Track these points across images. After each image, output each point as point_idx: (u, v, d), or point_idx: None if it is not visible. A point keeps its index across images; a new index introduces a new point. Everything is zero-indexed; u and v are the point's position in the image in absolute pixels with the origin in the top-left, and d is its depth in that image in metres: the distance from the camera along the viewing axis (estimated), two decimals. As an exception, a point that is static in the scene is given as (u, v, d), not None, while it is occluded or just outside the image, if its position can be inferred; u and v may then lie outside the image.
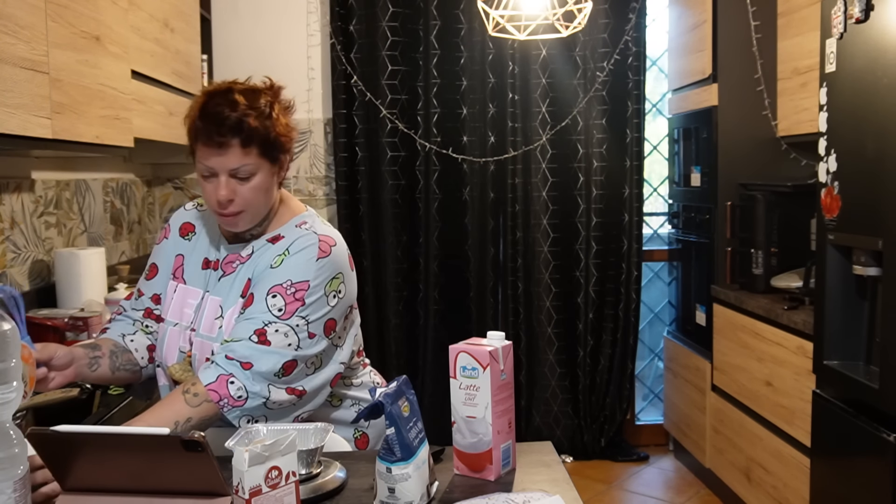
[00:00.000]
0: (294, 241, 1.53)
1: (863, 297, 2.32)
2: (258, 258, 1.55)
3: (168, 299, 1.61)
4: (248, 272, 1.55)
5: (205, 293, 1.57)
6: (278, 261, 1.51)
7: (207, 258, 1.61)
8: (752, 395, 3.04)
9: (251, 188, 1.49)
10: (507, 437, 1.36)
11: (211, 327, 1.54)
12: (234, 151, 1.46)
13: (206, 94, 1.51)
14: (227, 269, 1.58)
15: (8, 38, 1.68)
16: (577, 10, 2.54)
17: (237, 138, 1.45)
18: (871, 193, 2.12)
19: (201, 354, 1.53)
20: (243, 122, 1.45)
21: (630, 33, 3.84)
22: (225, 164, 1.47)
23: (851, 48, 2.20)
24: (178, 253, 1.64)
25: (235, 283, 1.55)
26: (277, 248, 1.54)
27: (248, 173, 1.48)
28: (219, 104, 1.46)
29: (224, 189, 1.47)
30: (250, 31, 3.83)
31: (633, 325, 4.01)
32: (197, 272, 1.60)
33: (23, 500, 1.05)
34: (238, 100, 1.47)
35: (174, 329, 1.57)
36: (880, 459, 2.09)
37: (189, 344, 1.55)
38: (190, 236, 1.65)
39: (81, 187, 2.92)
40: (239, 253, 1.58)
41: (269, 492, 1.08)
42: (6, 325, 1.03)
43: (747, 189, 3.28)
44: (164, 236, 1.68)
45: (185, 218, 1.68)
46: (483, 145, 3.88)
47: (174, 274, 1.62)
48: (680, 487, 3.69)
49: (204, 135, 1.46)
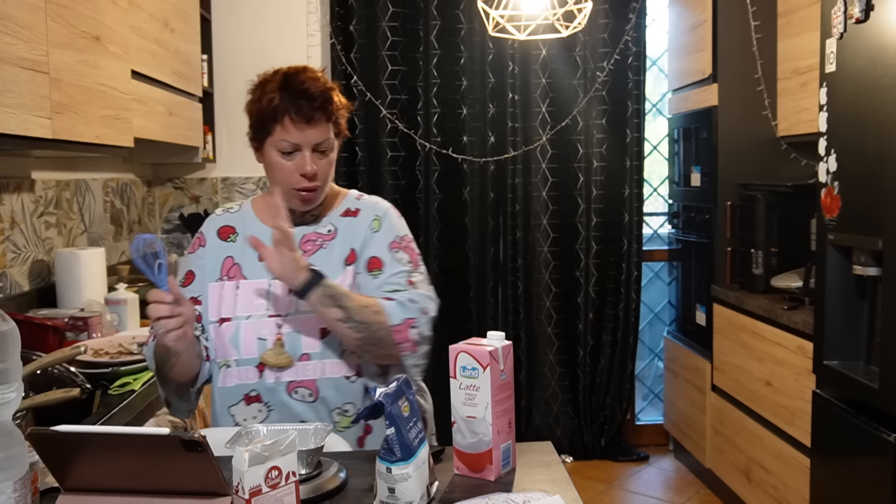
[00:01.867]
0: (374, 205, 1.68)
1: (863, 297, 2.32)
2: (348, 231, 1.64)
3: (227, 298, 1.62)
4: (345, 244, 1.63)
5: (270, 281, 1.60)
6: (376, 225, 1.65)
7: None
8: (752, 395, 3.04)
9: (328, 162, 1.59)
10: (507, 437, 1.36)
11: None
12: (321, 126, 1.54)
13: (282, 74, 1.58)
14: (307, 247, 1.63)
15: (8, 38, 1.68)
16: (577, 10, 2.54)
17: (324, 113, 1.54)
18: (871, 193, 2.12)
19: (308, 331, 1.57)
20: (330, 97, 1.55)
21: (630, 33, 3.84)
22: (311, 138, 1.54)
23: (851, 48, 2.20)
24: (226, 255, 1.66)
25: (333, 256, 1.62)
26: (363, 217, 1.66)
27: (328, 147, 1.58)
28: (304, 81, 1.54)
29: (310, 164, 1.55)
30: (250, 31, 3.83)
31: (633, 325, 4.01)
32: (256, 266, 1.62)
33: (23, 500, 1.05)
34: (319, 76, 1.57)
35: (248, 322, 1.59)
36: (880, 459, 2.09)
37: (276, 328, 1.58)
38: (233, 237, 1.68)
39: (81, 187, 2.92)
40: (315, 231, 1.65)
41: (269, 492, 1.08)
42: (6, 325, 1.03)
43: (747, 189, 3.28)
44: (199, 245, 1.70)
45: (220, 223, 1.70)
46: (483, 145, 3.88)
47: (227, 275, 1.64)
48: (680, 487, 3.69)
49: (293, 110, 1.52)
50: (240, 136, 4.25)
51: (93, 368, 1.94)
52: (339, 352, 1.58)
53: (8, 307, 2.23)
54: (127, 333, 2.36)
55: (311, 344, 1.57)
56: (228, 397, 1.60)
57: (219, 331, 1.61)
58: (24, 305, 2.40)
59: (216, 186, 3.87)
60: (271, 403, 1.58)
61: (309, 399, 1.58)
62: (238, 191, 3.87)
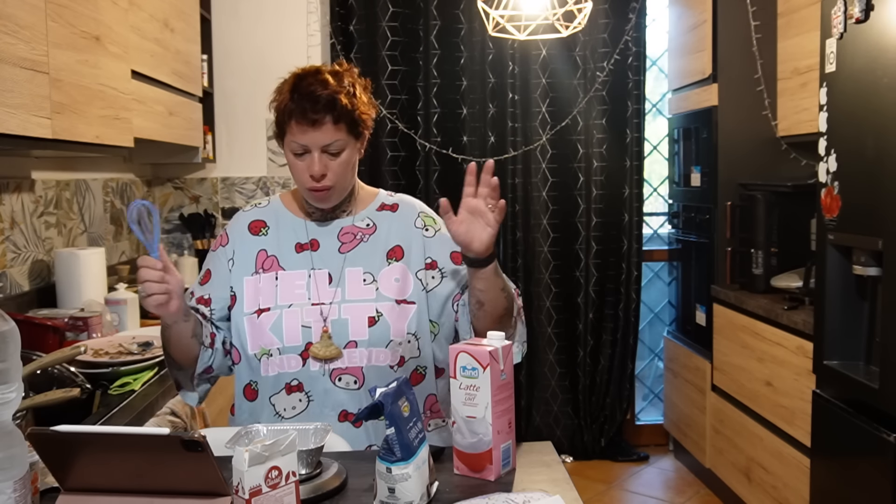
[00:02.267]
0: (412, 202, 1.75)
1: (863, 297, 2.32)
2: (391, 226, 1.68)
3: (265, 290, 1.64)
4: (388, 238, 1.67)
5: (311, 271, 1.64)
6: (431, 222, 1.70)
7: (299, 242, 1.67)
8: (752, 395, 3.04)
9: (341, 163, 1.60)
10: (507, 437, 1.36)
11: (362, 292, 1.62)
12: (327, 128, 1.55)
13: (295, 76, 1.61)
14: (346, 239, 1.67)
15: (8, 38, 1.68)
16: (577, 10, 2.54)
17: (329, 115, 1.55)
18: (871, 193, 2.12)
19: (356, 318, 1.59)
20: (335, 99, 1.55)
21: (630, 33, 3.84)
22: (318, 140, 1.56)
23: (851, 48, 2.20)
24: (260, 249, 1.68)
25: (376, 250, 1.66)
26: (404, 212, 1.71)
27: (339, 149, 1.58)
28: (311, 84, 1.56)
29: (318, 164, 1.57)
30: (250, 31, 3.83)
31: (633, 325, 4.01)
32: (293, 257, 1.66)
33: (23, 500, 1.05)
34: (328, 79, 1.57)
35: (290, 310, 1.60)
36: (880, 459, 2.09)
37: (321, 317, 1.60)
38: (265, 231, 1.70)
39: (81, 187, 2.92)
40: (354, 225, 1.68)
41: (269, 492, 1.08)
42: (6, 325, 1.03)
43: (747, 189, 3.28)
44: (219, 244, 1.71)
45: (250, 218, 1.73)
46: (483, 145, 3.88)
47: (262, 267, 1.66)
48: (680, 487, 3.69)
49: (298, 113, 1.55)
50: (240, 136, 4.28)
51: (93, 368, 1.94)
52: (386, 341, 1.59)
53: (8, 307, 2.23)
54: (127, 333, 2.36)
55: (358, 331, 1.59)
56: (270, 386, 1.60)
57: (256, 321, 1.61)
58: (24, 305, 2.40)
59: (216, 186, 3.87)
60: (312, 393, 1.58)
61: (353, 386, 1.58)
62: (238, 191, 3.88)
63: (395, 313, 1.60)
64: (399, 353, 1.61)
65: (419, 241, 1.68)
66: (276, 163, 3.89)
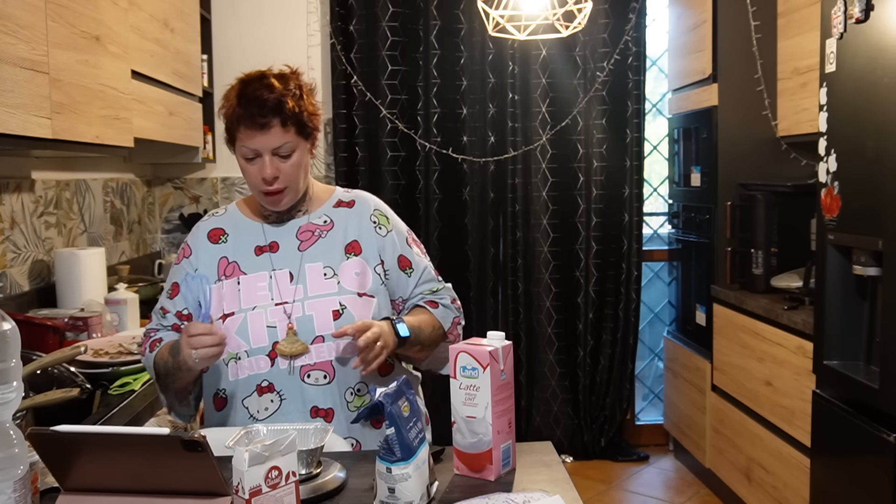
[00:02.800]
0: (367, 198, 1.78)
1: (863, 297, 2.31)
2: (346, 221, 1.72)
3: (228, 295, 1.65)
4: (345, 234, 1.71)
5: (271, 272, 1.66)
6: (384, 221, 1.76)
7: (258, 245, 1.69)
8: (752, 395, 3.04)
9: (292, 164, 1.62)
10: (507, 437, 1.36)
11: (323, 287, 1.65)
12: (276, 131, 1.58)
13: (240, 82, 1.63)
14: (304, 237, 1.70)
15: (8, 38, 1.68)
16: (577, 10, 2.54)
17: (277, 118, 1.57)
18: (871, 193, 2.12)
19: (320, 313, 1.62)
20: (282, 102, 1.58)
21: (630, 33, 3.84)
22: (267, 143, 1.58)
23: (851, 48, 2.20)
24: (220, 256, 1.70)
25: (334, 245, 1.69)
26: (360, 208, 1.75)
27: (289, 150, 1.61)
28: (257, 89, 1.59)
29: (269, 167, 1.59)
30: (250, 31, 3.83)
31: (633, 325, 4.01)
32: (253, 260, 1.68)
33: (23, 500, 1.05)
34: (273, 83, 1.60)
35: (254, 312, 1.63)
36: (880, 459, 2.09)
37: (285, 316, 1.61)
38: (224, 238, 1.72)
39: (81, 187, 2.92)
40: (311, 222, 1.71)
41: (269, 492, 1.08)
42: (6, 325, 1.03)
43: (747, 189, 3.28)
44: (183, 256, 1.73)
45: (209, 227, 1.75)
46: (483, 145, 3.88)
47: (225, 274, 1.68)
48: (680, 487, 3.69)
49: (247, 118, 1.57)
50: (240, 136, 4.21)
51: (93, 368, 1.94)
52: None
53: (8, 307, 2.23)
54: (127, 333, 2.36)
55: (324, 325, 1.61)
56: (241, 390, 1.62)
57: (222, 327, 1.62)
58: (24, 305, 2.40)
59: (216, 186, 3.87)
60: (283, 392, 1.60)
61: (324, 381, 1.60)
62: (238, 190, 3.87)
63: (357, 305, 1.64)
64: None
65: (373, 237, 1.73)
66: (276, 163, 3.89)
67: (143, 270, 3.42)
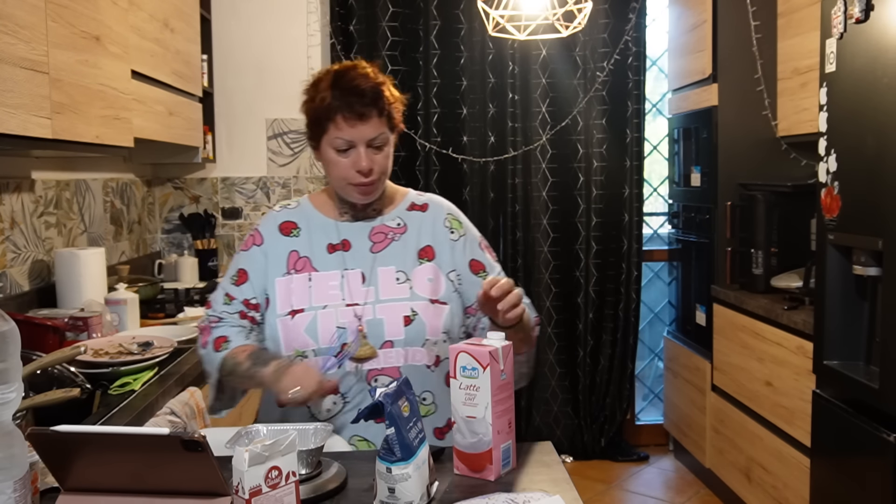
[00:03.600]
0: (441, 202, 1.74)
1: (863, 297, 2.31)
2: (420, 226, 1.69)
3: (298, 291, 1.62)
4: (419, 238, 1.67)
5: (343, 271, 1.63)
6: (457, 226, 1.71)
7: (331, 242, 1.66)
8: (752, 395, 3.04)
9: (384, 156, 1.60)
10: (507, 437, 1.36)
11: (395, 291, 1.61)
12: (373, 121, 1.56)
13: (332, 72, 1.60)
14: (377, 239, 1.67)
15: (8, 38, 1.68)
16: (577, 10, 2.54)
17: (375, 108, 1.56)
18: (871, 193, 2.12)
19: (391, 317, 1.59)
20: (380, 91, 1.57)
21: (630, 33, 3.84)
22: (364, 134, 1.56)
23: (851, 48, 2.20)
24: (291, 250, 1.66)
25: (408, 249, 1.66)
26: (433, 213, 1.71)
27: (382, 142, 1.59)
28: (354, 78, 1.57)
29: (365, 158, 1.56)
30: (250, 31, 3.83)
31: (633, 325, 4.01)
32: (325, 258, 1.65)
33: (23, 500, 1.05)
34: (369, 73, 1.59)
35: (324, 311, 1.59)
36: (880, 459, 2.09)
37: (356, 318, 1.58)
38: (296, 232, 1.68)
39: (81, 187, 2.92)
40: (384, 224, 1.68)
41: (269, 492, 1.08)
42: (6, 325, 1.03)
43: (747, 189, 3.28)
44: (253, 243, 1.69)
45: (281, 218, 1.71)
46: (483, 145, 3.88)
47: (295, 268, 1.64)
48: (680, 487, 3.69)
49: (345, 107, 1.54)
50: (240, 136, 4.28)
51: (93, 368, 1.94)
52: (422, 340, 1.59)
53: (8, 307, 2.23)
54: (127, 333, 2.36)
55: (394, 331, 1.58)
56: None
57: (290, 323, 1.59)
58: (24, 305, 2.40)
59: (216, 186, 3.87)
60: (348, 395, 1.57)
61: None
62: (238, 191, 3.88)
63: (429, 312, 1.60)
64: (434, 352, 1.60)
65: (447, 243, 1.69)
66: (276, 163, 3.89)
67: (143, 270, 3.42)
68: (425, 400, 1.60)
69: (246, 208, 3.89)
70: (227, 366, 1.58)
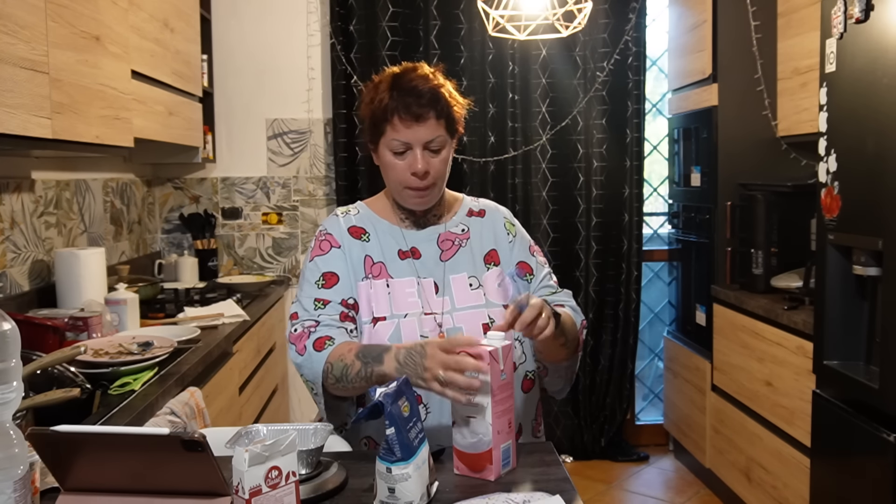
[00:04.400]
0: (496, 207, 1.76)
1: (863, 297, 2.31)
2: (481, 231, 1.70)
3: (379, 298, 1.59)
4: (483, 243, 1.68)
5: (418, 279, 1.62)
6: (511, 228, 1.73)
7: (401, 249, 1.65)
8: (752, 395, 3.04)
9: (442, 160, 1.58)
10: (507, 437, 1.36)
11: (470, 298, 1.62)
12: (430, 123, 1.54)
13: (392, 74, 1.59)
14: (445, 246, 1.66)
15: (8, 38, 1.68)
16: (577, 10, 2.54)
17: (433, 110, 1.54)
18: (871, 193, 2.12)
19: (470, 325, 1.58)
20: (439, 93, 1.55)
21: (630, 33, 3.84)
22: (421, 136, 1.54)
23: (851, 48, 2.20)
24: (366, 254, 1.63)
25: (474, 255, 1.67)
26: (491, 217, 1.72)
27: (440, 145, 1.57)
28: (413, 79, 1.55)
29: (421, 161, 1.55)
30: (250, 31, 3.83)
31: (633, 325, 4.01)
32: (398, 264, 1.63)
33: (23, 500, 1.05)
34: (428, 75, 1.57)
35: (406, 320, 1.57)
36: (880, 459, 2.09)
37: (437, 326, 1.57)
38: (366, 237, 1.65)
39: (81, 187, 2.92)
40: (450, 231, 1.68)
41: (269, 492, 1.08)
42: (6, 325, 1.03)
43: (747, 189, 3.28)
44: (331, 245, 1.64)
45: (348, 223, 1.67)
46: (483, 145, 3.88)
47: (372, 273, 1.61)
48: (680, 487, 3.69)
49: (403, 108, 1.53)
50: (240, 136, 4.27)
51: (93, 368, 1.94)
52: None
53: (8, 307, 2.23)
54: (127, 333, 2.36)
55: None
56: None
57: (374, 330, 1.57)
58: (24, 305, 2.40)
59: (216, 186, 3.87)
60: (430, 405, 1.55)
61: None
62: (238, 191, 3.88)
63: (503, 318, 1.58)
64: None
65: (506, 246, 1.70)
66: (276, 163, 3.89)
67: (143, 270, 3.42)
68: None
69: (246, 208, 3.89)
70: (333, 371, 1.49)
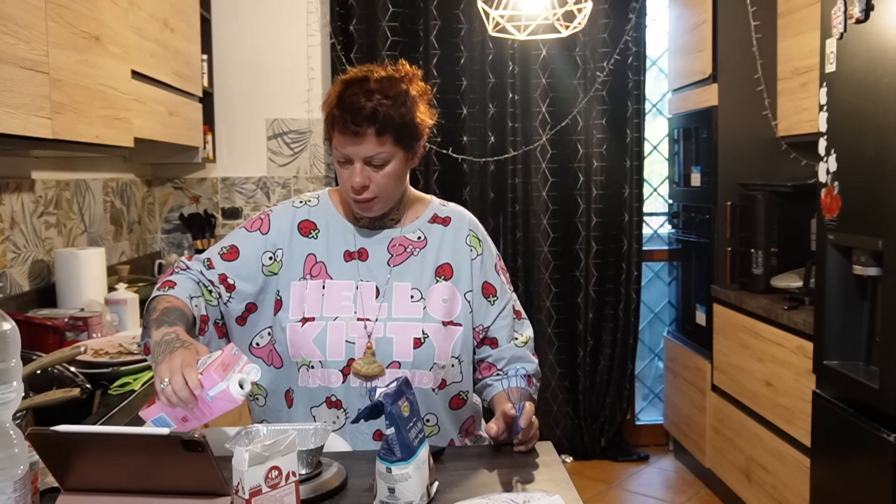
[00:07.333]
0: (462, 216, 1.69)
1: (863, 297, 2.31)
2: (442, 241, 1.64)
3: (311, 298, 1.58)
4: (438, 255, 1.63)
5: (357, 282, 1.59)
6: (476, 244, 1.67)
7: (348, 250, 1.62)
8: (752, 395, 3.04)
9: (385, 175, 1.53)
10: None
11: (409, 310, 1.57)
12: (369, 140, 1.49)
13: (342, 83, 1.55)
14: (396, 251, 1.62)
15: (8, 38, 1.68)
16: (577, 10, 2.54)
17: (372, 127, 1.48)
18: (871, 193, 2.12)
19: (401, 338, 1.54)
20: (378, 111, 1.48)
21: (630, 33, 3.84)
22: (360, 152, 1.50)
23: (851, 48, 2.20)
24: (308, 253, 1.61)
25: (425, 266, 1.61)
26: (455, 228, 1.66)
27: (383, 161, 1.52)
28: (355, 93, 1.50)
29: (359, 176, 1.51)
30: (250, 31, 3.83)
31: (633, 325, 4.01)
32: (341, 265, 1.60)
33: (23, 500, 1.05)
34: (374, 88, 1.51)
35: (335, 323, 1.55)
36: (880, 459, 2.09)
37: (366, 333, 1.54)
38: (315, 234, 1.63)
39: (81, 187, 2.92)
40: (404, 236, 1.63)
41: (269, 492, 1.08)
42: (6, 325, 1.03)
43: (747, 189, 3.28)
44: (258, 227, 1.63)
45: (301, 216, 1.65)
46: (483, 145, 3.88)
47: (310, 273, 1.60)
48: (680, 487, 3.69)
49: (340, 123, 1.49)
50: (240, 136, 4.27)
51: (93, 368, 1.94)
52: (430, 364, 1.55)
53: (8, 307, 2.23)
54: (127, 333, 2.36)
55: (403, 352, 1.54)
56: (310, 398, 1.56)
57: (300, 330, 1.56)
58: (24, 305, 2.40)
59: (216, 186, 3.87)
60: (350, 410, 1.54)
61: None
62: (238, 191, 3.88)
63: (440, 335, 1.56)
64: (441, 375, 1.57)
65: (466, 261, 1.64)
66: (276, 163, 3.89)
67: (143, 270, 3.42)
68: (429, 421, 1.58)
69: (246, 208, 3.89)
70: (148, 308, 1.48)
